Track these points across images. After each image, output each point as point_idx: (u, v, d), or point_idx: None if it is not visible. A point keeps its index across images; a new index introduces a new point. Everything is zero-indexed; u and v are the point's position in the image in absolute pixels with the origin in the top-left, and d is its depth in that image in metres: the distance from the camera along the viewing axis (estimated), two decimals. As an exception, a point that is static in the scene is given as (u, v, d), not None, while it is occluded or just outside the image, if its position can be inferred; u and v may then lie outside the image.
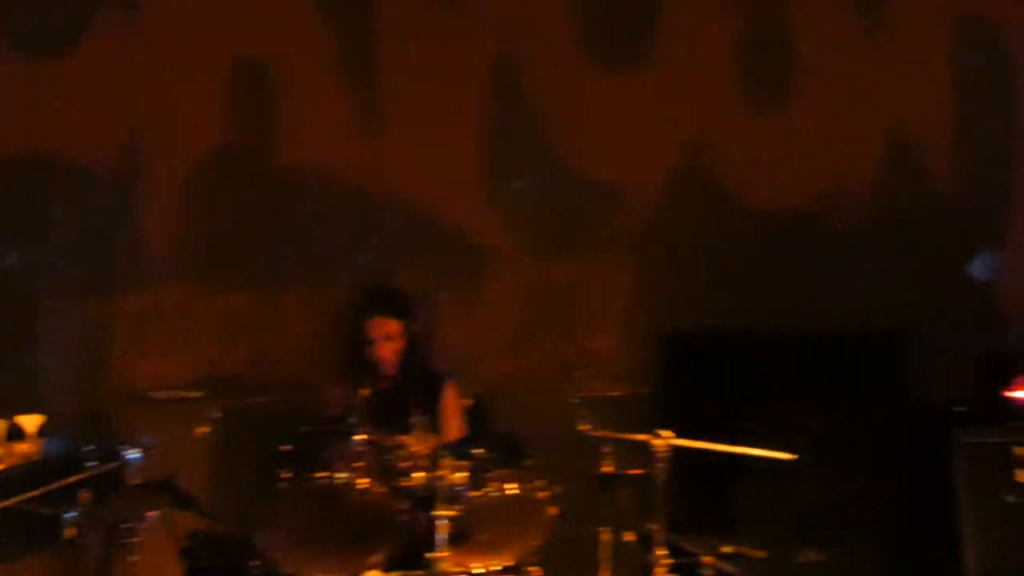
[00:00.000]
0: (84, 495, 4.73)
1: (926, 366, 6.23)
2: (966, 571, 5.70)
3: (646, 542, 5.03)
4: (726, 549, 5.10)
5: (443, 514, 4.75)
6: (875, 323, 6.34)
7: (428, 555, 4.75)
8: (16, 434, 5.29)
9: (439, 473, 4.79)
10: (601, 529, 5.17)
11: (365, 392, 5.10)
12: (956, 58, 6.86)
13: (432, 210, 6.43)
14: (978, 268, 6.84)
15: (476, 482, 4.84)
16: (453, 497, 4.78)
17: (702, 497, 5.69)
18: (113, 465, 4.78)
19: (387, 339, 5.48)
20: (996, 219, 6.86)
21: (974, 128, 6.86)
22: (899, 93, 6.72)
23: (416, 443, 4.89)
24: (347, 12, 6.38)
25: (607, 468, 5.18)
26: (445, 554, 4.75)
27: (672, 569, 4.98)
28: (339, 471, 4.77)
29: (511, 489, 4.89)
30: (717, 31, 6.62)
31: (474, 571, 4.92)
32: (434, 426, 5.34)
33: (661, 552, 4.97)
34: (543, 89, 6.53)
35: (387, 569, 4.84)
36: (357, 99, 6.37)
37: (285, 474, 4.74)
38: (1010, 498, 5.76)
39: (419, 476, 4.83)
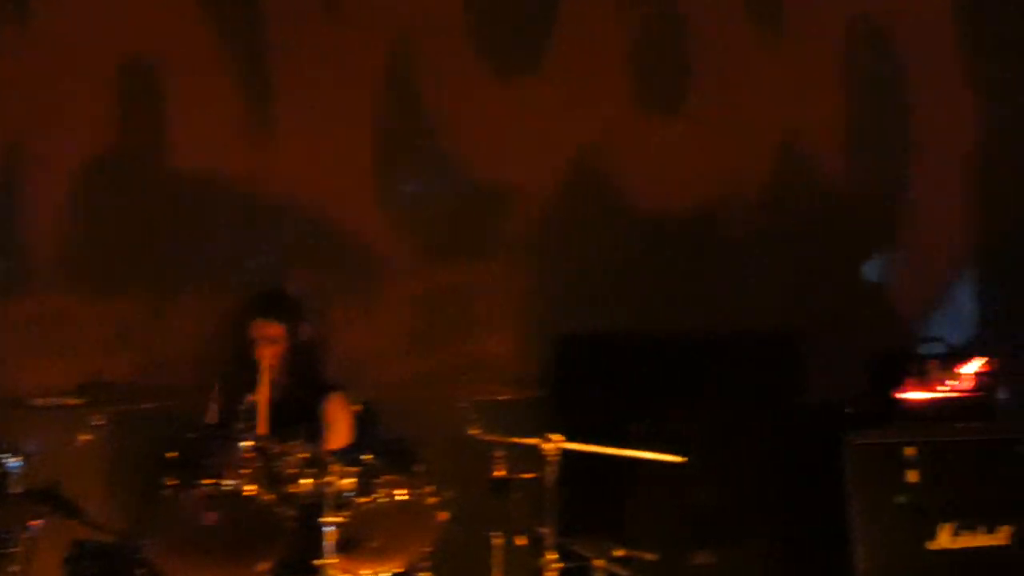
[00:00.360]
0: (-37, 505, 4.64)
1: (819, 368, 6.26)
2: (856, 571, 5.72)
3: (538, 546, 5.01)
4: (618, 552, 5.10)
5: (331, 521, 4.71)
6: (768, 326, 6.36)
7: (316, 562, 4.71)
8: None
9: (327, 479, 4.74)
10: (493, 534, 5.14)
11: (252, 398, 5.04)
12: (849, 62, 6.91)
13: (325, 214, 6.36)
14: (871, 270, 6.89)
15: (365, 488, 4.80)
16: (341, 503, 4.74)
17: (595, 501, 5.68)
18: (-7, 473, 4.70)
19: (270, 342, 5.42)
20: (889, 221, 6.91)
21: (867, 131, 6.91)
22: (793, 97, 6.76)
23: (304, 449, 4.84)
24: (236, 12, 6.30)
25: (499, 472, 5.15)
26: (334, 561, 4.71)
27: (563, 573, 4.97)
28: (226, 478, 4.71)
29: (400, 495, 4.85)
30: (612, 36, 6.62)
31: (363, 578, 4.88)
32: (321, 433, 5.30)
33: (551, 556, 4.95)
34: (438, 92, 6.49)
35: (275, 576, 4.79)
36: (247, 101, 6.29)
37: (171, 481, 4.67)
38: (900, 498, 5.80)
39: (307, 483, 4.78)
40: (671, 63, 6.65)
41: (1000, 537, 5.87)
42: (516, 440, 5.06)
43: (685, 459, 4.96)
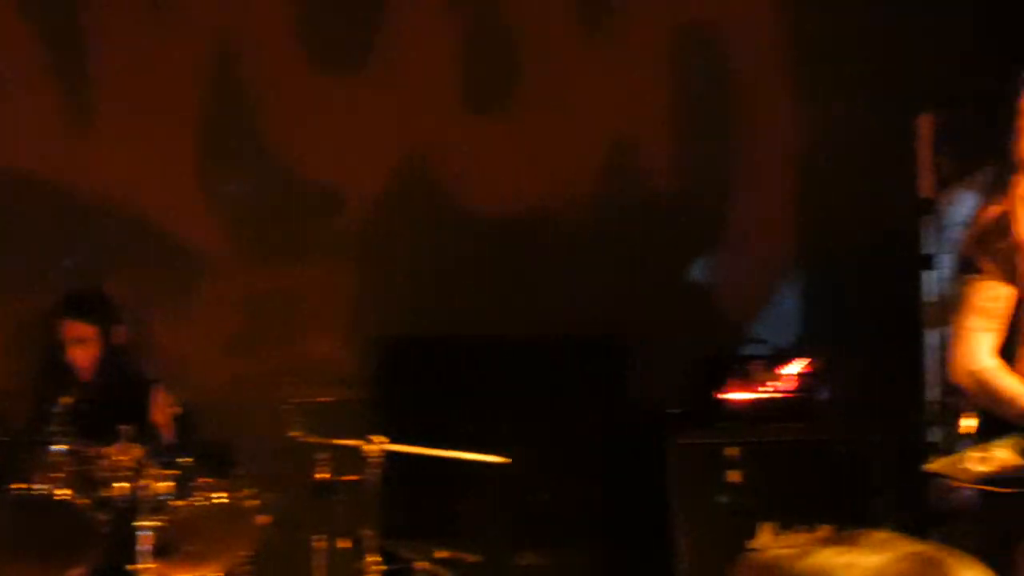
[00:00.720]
0: None
1: (644, 369, 6.29)
2: (678, 570, 5.76)
3: (360, 549, 4.97)
4: (441, 554, 5.07)
5: (147, 525, 4.62)
6: (593, 328, 6.38)
7: (132, 568, 4.61)
8: None
9: (143, 483, 4.65)
10: (315, 537, 5.09)
11: (65, 400, 4.92)
12: (676, 66, 6.96)
13: (144, 213, 6.24)
14: (696, 272, 6.95)
15: (182, 492, 4.72)
16: (157, 507, 4.66)
17: (420, 503, 5.65)
18: None
19: (80, 343, 5.30)
20: (714, 224, 6.97)
21: (693, 134, 6.97)
22: (621, 99, 6.78)
23: (119, 453, 4.74)
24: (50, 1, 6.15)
25: (322, 475, 5.10)
26: (150, 566, 4.61)
27: (385, 575, 4.93)
28: (38, 481, 4.60)
29: (219, 498, 4.78)
30: (440, 34, 6.58)
31: (182, 583, 4.79)
32: (139, 435, 5.18)
33: (373, 559, 4.91)
34: (263, 89, 6.40)
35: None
36: (62, 94, 6.14)
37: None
38: (721, 498, 5.85)
39: (122, 486, 4.68)
40: (500, 64, 6.64)
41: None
42: (338, 442, 5.01)
43: (508, 460, 4.95)
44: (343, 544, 5.10)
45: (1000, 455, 4.43)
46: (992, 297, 4.47)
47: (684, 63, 6.97)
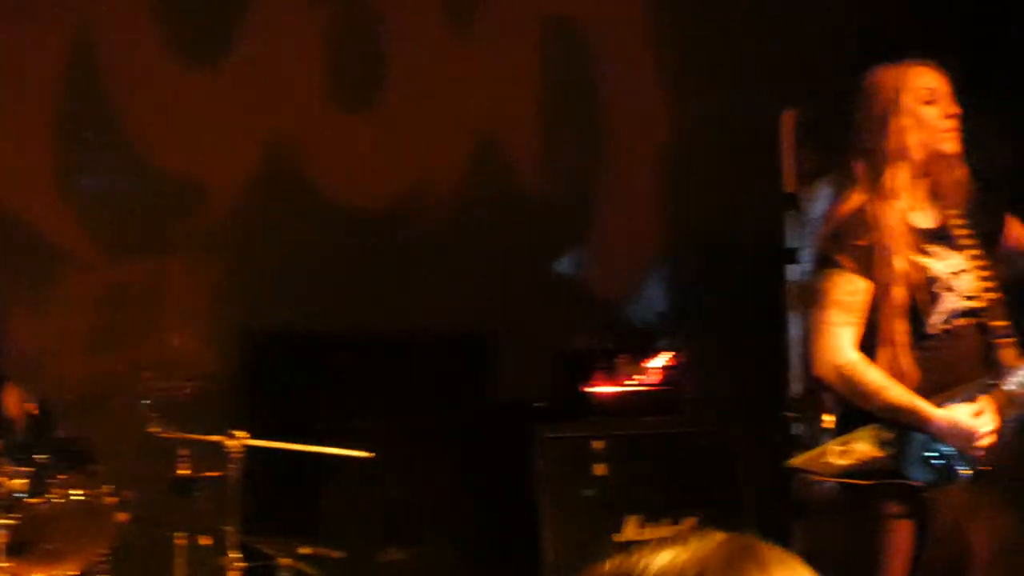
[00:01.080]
0: None
1: (511, 363, 6.29)
2: (543, 564, 5.76)
3: (222, 546, 4.90)
4: (304, 550, 5.02)
5: (0, 523, 4.51)
6: (461, 322, 6.36)
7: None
8: None
9: (-5, 480, 4.54)
10: (175, 534, 5.01)
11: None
12: (543, 61, 6.96)
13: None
14: (563, 267, 6.96)
15: (37, 489, 4.62)
16: (11, 505, 4.55)
17: (285, 498, 5.59)
18: None
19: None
20: (581, 218, 6.99)
21: (561, 129, 6.97)
22: (488, 94, 6.77)
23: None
24: None
25: (183, 471, 5.03)
26: (4, 565, 4.51)
27: (247, 572, 4.86)
28: None
29: (76, 495, 4.68)
30: (304, 26, 6.50)
31: (36, 582, 4.68)
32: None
33: (234, 555, 4.85)
34: (121, 81, 6.26)
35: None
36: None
37: None
38: (587, 491, 5.85)
39: (-26, 484, 4.56)
40: (365, 57, 6.58)
41: (683, 529, 5.99)
42: (199, 437, 4.94)
43: (372, 455, 4.91)
44: (204, 541, 5.04)
45: (859, 448, 4.48)
46: (851, 291, 4.52)
47: (551, 58, 6.97)
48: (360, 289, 6.37)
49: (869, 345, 4.53)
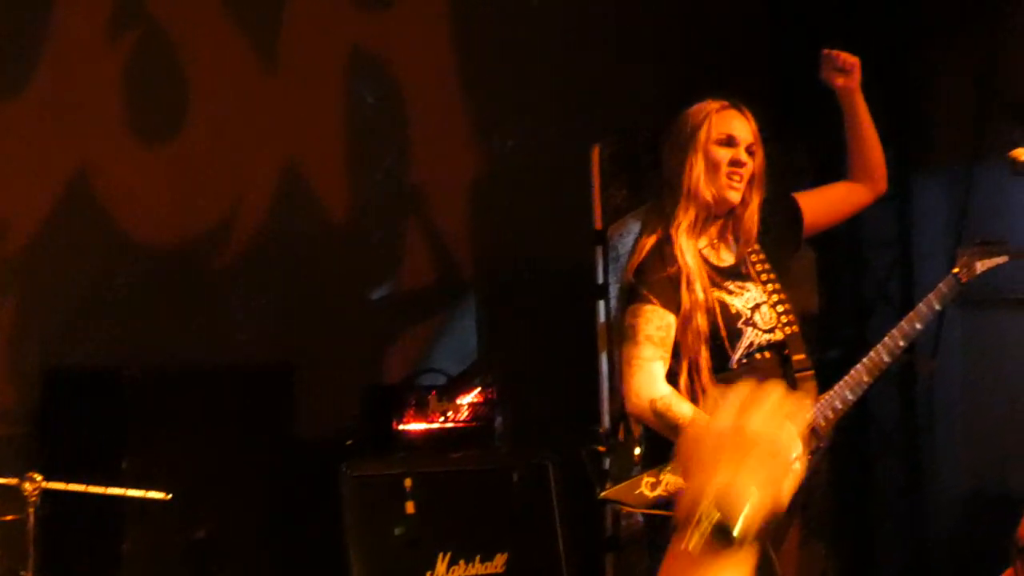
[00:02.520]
0: None
1: (319, 400, 6.18)
2: (354, 604, 5.66)
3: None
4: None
5: None
6: (268, 358, 6.24)
7: None
8: None
9: None
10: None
11: None
12: (350, 93, 6.89)
13: None
14: (371, 301, 6.88)
15: None
16: None
17: (84, 541, 5.42)
18: None
19: None
20: (391, 252, 6.92)
21: (368, 161, 6.91)
22: (294, 125, 6.67)
23: None
24: None
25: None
26: None
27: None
28: None
29: None
30: (104, 58, 6.31)
31: None
32: None
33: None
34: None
35: None
36: None
37: None
38: (398, 530, 5.76)
39: None
40: (167, 89, 6.42)
41: (496, 565, 5.94)
42: (-6, 481, 4.76)
43: (169, 496, 4.79)
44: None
45: (670, 480, 4.50)
46: (660, 326, 4.56)
47: (357, 90, 6.91)
48: (164, 324, 6.21)
49: (673, 379, 4.56)
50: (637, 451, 4.68)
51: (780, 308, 4.65)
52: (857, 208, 5.00)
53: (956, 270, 4.70)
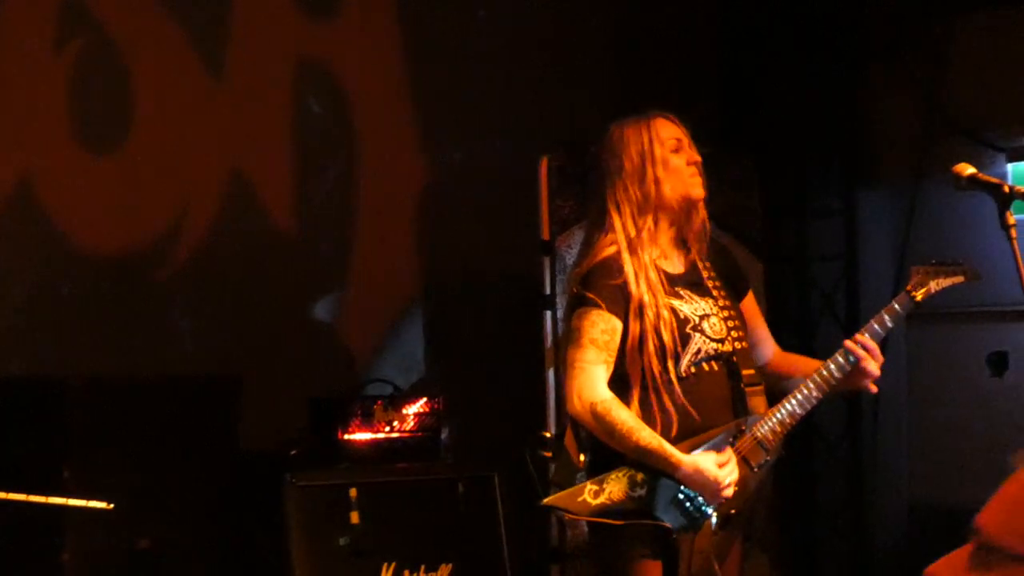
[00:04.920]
0: None
1: (265, 410, 6.15)
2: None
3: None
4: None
5: None
6: (213, 367, 6.21)
7: None
8: None
9: None
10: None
11: None
12: (297, 103, 6.87)
13: None
14: (318, 311, 6.86)
15: None
16: None
17: (21, 552, 5.37)
18: None
19: None
20: (338, 262, 6.90)
21: (316, 170, 6.89)
22: (241, 136, 6.65)
23: None
24: None
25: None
26: None
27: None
28: None
29: None
30: (49, 66, 6.26)
31: None
32: None
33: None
34: None
35: None
36: None
37: None
38: (343, 540, 5.74)
39: None
40: (112, 97, 6.38)
41: (440, 575, 5.93)
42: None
43: (111, 506, 4.74)
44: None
45: (613, 488, 4.50)
46: (604, 329, 4.56)
47: (304, 99, 6.89)
48: (108, 333, 6.17)
49: (621, 386, 4.57)
50: (582, 458, 4.68)
51: (731, 323, 4.68)
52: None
53: (910, 288, 4.71)
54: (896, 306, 4.69)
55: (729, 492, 4.46)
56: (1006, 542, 1.84)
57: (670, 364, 4.54)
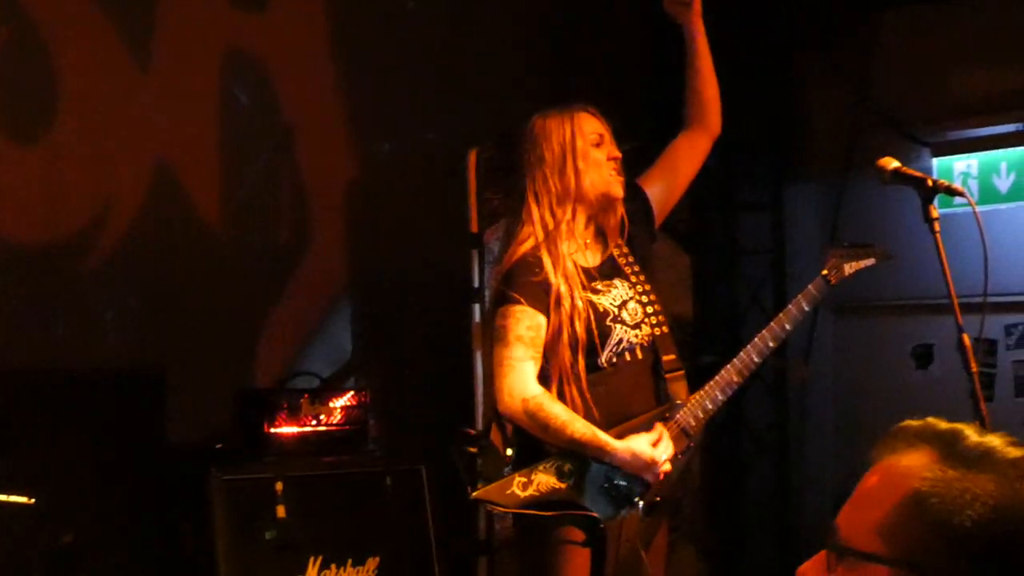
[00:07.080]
0: None
1: (190, 403, 6.10)
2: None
3: None
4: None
5: None
6: (138, 360, 6.14)
7: None
8: None
9: None
10: None
11: None
12: (225, 96, 6.80)
13: None
14: (246, 303, 6.80)
15: None
16: None
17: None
18: None
19: None
20: (264, 254, 6.84)
21: (244, 161, 6.83)
22: (167, 126, 6.56)
23: None
24: None
25: None
26: None
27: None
28: None
29: None
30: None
31: None
32: None
33: None
34: None
35: None
36: None
37: None
38: (269, 534, 5.70)
39: None
40: (35, 87, 6.28)
41: (367, 569, 5.90)
42: None
43: (32, 500, 4.69)
44: None
45: (542, 479, 4.51)
46: (530, 326, 4.57)
47: (231, 90, 6.82)
48: (31, 324, 6.08)
49: (544, 380, 4.58)
50: (509, 452, 4.68)
51: (648, 306, 4.70)
52: (699, 160, 5.02)
53: (825, 272, 4.76)
54: (812, 290, 4.75)
55: (668, 467, 4.50)
56: (855, 542, 1.83)
57: (581, 357, 4.56)
